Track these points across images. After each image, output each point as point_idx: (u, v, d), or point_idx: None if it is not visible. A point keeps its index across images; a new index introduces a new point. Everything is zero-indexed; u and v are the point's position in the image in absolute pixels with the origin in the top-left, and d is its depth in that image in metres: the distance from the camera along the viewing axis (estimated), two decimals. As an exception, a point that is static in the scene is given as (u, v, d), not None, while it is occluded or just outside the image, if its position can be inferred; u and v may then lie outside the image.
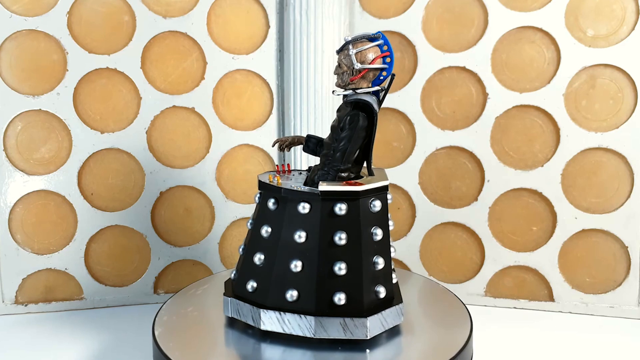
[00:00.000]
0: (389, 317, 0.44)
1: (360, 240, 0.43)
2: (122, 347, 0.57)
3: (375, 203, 0.43)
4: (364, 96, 0.45)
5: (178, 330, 0.47)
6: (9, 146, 0.65)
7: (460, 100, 0.66)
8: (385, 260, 0.44)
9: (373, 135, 0.45)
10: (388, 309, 0.44)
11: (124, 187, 0.67)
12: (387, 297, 0.44)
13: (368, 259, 0.43)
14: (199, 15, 0.67)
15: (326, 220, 0.43)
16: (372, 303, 0.43)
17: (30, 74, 0.64)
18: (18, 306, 0.66)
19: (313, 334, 0.42)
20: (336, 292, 0.42)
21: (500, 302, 0.67)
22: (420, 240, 0.69)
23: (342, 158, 0.45)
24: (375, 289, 0.43)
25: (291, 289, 0.43)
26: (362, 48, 0.45)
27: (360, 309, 0.42)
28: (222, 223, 0.70)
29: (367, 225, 0.43)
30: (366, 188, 0.43)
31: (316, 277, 0.43)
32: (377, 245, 0.44)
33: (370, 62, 0.45)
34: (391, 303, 0.44)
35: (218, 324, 0.48)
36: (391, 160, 0.69)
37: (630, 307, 0.63)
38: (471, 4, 0.65)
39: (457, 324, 0.48)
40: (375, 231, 0.43)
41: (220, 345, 0.45)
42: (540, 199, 0.65)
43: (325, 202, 0.43)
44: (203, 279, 0.60)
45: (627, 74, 0.61)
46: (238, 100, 0.69)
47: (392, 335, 0.45)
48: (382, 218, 0.44)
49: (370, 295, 0.43)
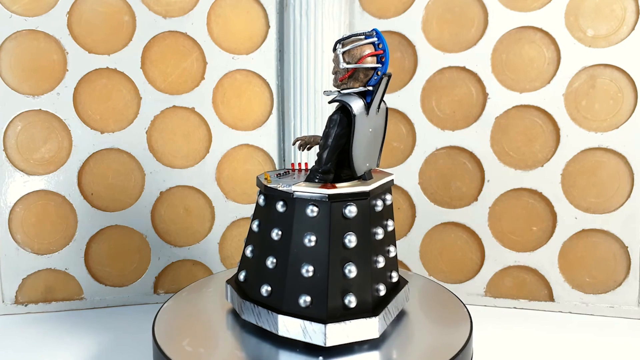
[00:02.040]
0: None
1: (329, 244, 0.42)
2: (122, 347, 0.57)
3: (351, 209, 0.42)
4: (345, 97, 0.43)
5: (178, 330, 0.47)
6: (9, 146, 0.65)
7: (460, 100, 0.66)
8: (358, 269, 0.42)
9: (352, 137, 0.43)
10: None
11: (124, 187, 0.67)
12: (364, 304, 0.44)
13: (335, 264, 0.42)
14: (199, 15, 0.67)
15: (299, 220, 0.43)
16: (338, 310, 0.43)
17: (30, 74, 0.64)
18: (18, 306, 0.66)
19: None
20: (302, 295, 0.42)
21: (500, 302, 0.67)
22: (420, 240, 0.69)
23: (320, 160, 0.44)
24: (344, 301, 0.42)
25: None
26: (350, 47, 0.43)
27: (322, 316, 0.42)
28: (222, 223, 0.70)
29: (338, 230, 0.42)
30: (336, 192, 0.42)
31: (286, 274, 0.43)
32: (349, 252, 0.43)
33: (358, 61, 0.43)
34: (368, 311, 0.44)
35: (218, 324, 0.48)
36: (391, 160, 0.69)
37: (630, 307, 0.64)
38: (471, 4, 0.65)
39: (457, 324, 0.48)
40: (349, 237, 0.42)
41: (220, 344, 0.45)
42: (540, 199, 0.65)
43: (298, 202, 0.43)
44: (203, 279, 0.60)
45: (627, 74, 0.61)
46: (238, 100, 0.69)
47: (392, 335, 0.45)
48: (358, 225, 0.42)
49: (336, 302, 0.42)
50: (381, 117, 0.46)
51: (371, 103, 0.44)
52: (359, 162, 0.44)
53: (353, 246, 0.42)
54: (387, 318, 0.44)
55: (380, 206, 0.45)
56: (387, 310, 0.44)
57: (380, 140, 0.47)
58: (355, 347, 0.43)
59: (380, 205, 0.45)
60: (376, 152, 0.47)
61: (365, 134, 0.44)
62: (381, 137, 0.47)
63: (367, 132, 0.45)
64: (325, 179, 0.44)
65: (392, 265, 0.48)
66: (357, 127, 0.43)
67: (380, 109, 0.46)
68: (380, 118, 0.46)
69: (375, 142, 0.47)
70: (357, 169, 0.44)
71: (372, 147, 0.46)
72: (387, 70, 0.44)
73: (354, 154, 0.44)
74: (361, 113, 0.43)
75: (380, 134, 0.47)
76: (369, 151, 0.46)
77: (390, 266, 0.47)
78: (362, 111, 0.43)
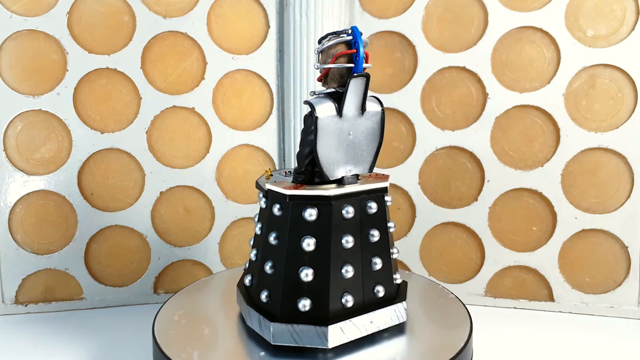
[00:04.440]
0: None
1: (287, 244, 0.42)
2: (122, 347, 0.57)
3: (311, 212, 0.42)
4: (316, 98, 0.42)
5: (178, 330, 0.47)
6: (9, 146, 0.65)
7: (460, 100, 0.66)
8: (315, 274, 0.42)
9: (316, 140, 0.41)
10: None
11: (124, 187, 0.67)
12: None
13: (291, 266, 0.42)
14: (199, 15, 0.67)
15: (270, 217, 0.44)
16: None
17: (30, 74, 0.64)
18: (18, 306, 0.66)
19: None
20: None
21: (500, 302, 0.67)
22: (420, 240, 0.69)
23: (297, 161, 0.44)
24: (298, 304, 0.42)
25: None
26: (325, 46, 0.42)
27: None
28: (222, 223, 0.70)
29: (296, 232, 0.42)
30: (295, 193, 0.42)
31: (257, 271, 0.44)
32: (306, 255, 0.42)
33: (331, 60, 0.41)
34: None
35: (218, 324, 0.48)
36: (391, 160, 0.69)
37: (630, 307, 0.63)
38: (471, 4, 0.65)
39: (457, 324, 0.48)
40: (307, 241, 0.42)
41: (220, 344, 0.45)
42: (540, 199, 0.65)
43: (270, 200, 0.44)
44: (203, 278, 0.60)
45: (627, 74, 0.61)
46: (238, 100, 0.69)
47: (392, 335, 0.45)
48: (319, 229, 0.42)
49: (289, 305, 0.42)
50: (369, 120, 0.44)
51: (342, 105, 0.42)
52: (330, 166, 0.43)
53: (311, 250, 0.42)
54: (348, 331, 0.42)
55: (353, 213, 0.43)
56: (350, 324, 0.42)
57: (371, 145, 0.45)
58: (355, 347, 0.43)
59: (352, 212, 0.42)
60: (365, 156, 0.45)
61: (339, 137, 0.43)
62: (372, 141, 0.45)
63: (344, 135, 0.43)
64: (300, 179, 0.44)
65: (371, 277, 0.44)
66: (324, 129, 0.42)
67: (370, 112, 0.44)
68: (368, 121, 0.44)
69: (360, 146, 0.44)
70: (328, 172, 0.43)
71: (353, 151, 0.44)
72: (366, 70, 0.42)
73: (321, 157, 0.42)
74: (329, 115, 0.42)
75: (369, 138, 0.45)
76: (347, 155, 0.44)
77: (368, 278, 0.44)
78: (332, 113, 0.42)
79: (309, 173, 0.44)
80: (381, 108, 0.45)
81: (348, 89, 0.41)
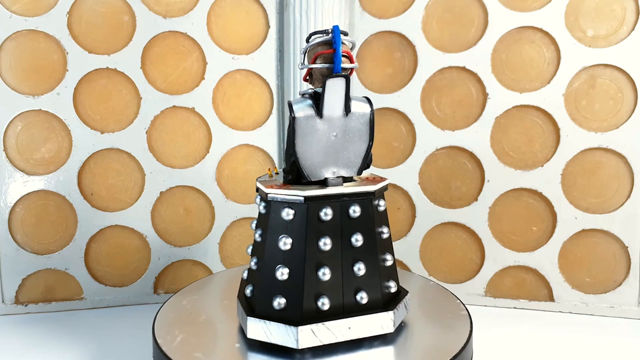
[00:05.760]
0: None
1: (265, 242, 0.43)
2: (122, 347, 0.57)
3: (288, 211, 0.42)
4: (298, 99, 0.42)
5: (178, 330, 0.47)
6: (9, 146, 0.65)
7: (460, 100, 0.66)
8: (290, 273, 0.42)
9: (294, 140, 0.41)
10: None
11: (124, 187, 0.67)
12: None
13: (269, 264, 0.43)
14: (199, 16, 0.67)
15: (257, 215, 0.46)
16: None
17: (30, 74, 0.64)
18: (18, 306, 0.66)
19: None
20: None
21: (500, 302, 0.67)
22: (420, 240, 0.69)
23: (285, 161, 0.44)
24: (273, 302, 0.42)
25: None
26: (308, 46, 0.42)
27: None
28: (222, 223, 0.70)
29: (274, 230, 0.43)
30: (273, 191, 0.42)
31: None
32: (284, 254, 0.42)
33: (311, 60, 0.41)
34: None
35: (218, 324, 0.48)
36: (391, 160, 0.69)
37: (630, 307, 0.63)
38: (471, 4, 0.65)
39: (457, 324, 0.48)
40: (284, 240, 0.42)
41: (220, 344, 0.45)
42: (540, 199, 0.65)
43: (259, 198, 0.46)
44: (203, 278, 0.60)
45: (627, 74, 0.61)
46: (238, 100, 0.69)
47: (392, 336, 0.45)
48: (295, 229, 0.42)
49: (266, 302, 0.42)
50: (356, 121, 0.43)
51: (321, 105, 0.42)
52: (311, 167, 0.43)
53: (287, 249, 0.42)
54: (321, 334, 0.42)
55: (332, 215, 0.42)
56: (323, 327, 0.42)
57: (358, 147, 0.44)
58: (355, 347, 0.43)
59: (330, 214, 0.42)
60: (352, 158, 0.44)
61: (321, 137, 0.42)
62: (360, 143, 0.44)
63: (326, 136, 0.42)
64: (288, 179, 0.44)
65: (353, 282, 0.43)
66: (302, 129, 0.42)
67: (356, 112, 0.43)
68: (354, 122, 0.43)
69: (346, 148, 0.43)
70: (309, 173, 0.43)
71: (338, 152, 0.43)
72: (352, 70, 0.42)
73: (301, 157, 0.42)
74: (308, 116, 0.42)
75: (356, 140, 0.44)
76: (331, 156, 0.43)
77: (350, 283, 0.43)
78: (311, 114, 0.42)
79: (295, 173, 0.44)
80: (370, 109, 0.44)
81: (325, 89, 0.41)
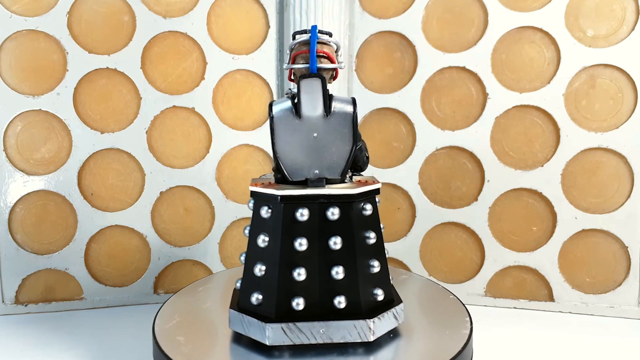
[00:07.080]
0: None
1: (249, 239, 0.45)
2: (122, 347, 0.57)
3: (267, 209, 0.42)
4: (280, 99, 0.42)
5: (178, 330, 0.47)
6: (9, 146, 0.65)
7: (460, 100, 0.66)
8: (266, 270, 0.42)
9: (274, 139, 0.42)
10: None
11: (124, 187, 0.67)
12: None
13: (249, 260, 0.44)
14: (199, 15, 0.67)
15: None
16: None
17: (30, 74, 0.64)
18: (18, 306, 0.66)
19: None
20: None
21: (500, 302, 0.67)
22: (420, 240, 0.69)
23: None
24: (251, 299, 0.43)
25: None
26: (290, 45, 0.42)
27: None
28: (222, 223, 0.70)
29: (255, 227, 0.44)
30: (254, 189, 0.43)
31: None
32: (262, 252, 0.43)
33: (291, 60, 0.41)
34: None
35: (218, 324, 0.48)
36: (391, 160, 0.69)
37: (630, 307, 0.63)
38: (471, 4, 0.65)
39: (457, 324, 0.48)
40: (262, 237, 0.42)
41: (220, 344, 0.45)
42: (540, 199, 0.65)
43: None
44: (203, 278, 0.60)
45: (627, 74, 0.61)
46: (238, 100, 0.69)
47: (392, 336, 0.45)
48: (271, 228, 0.42)
49: (246, 299, 0.43)
50: (337, 122, 0.43)
51: (298, 105, 0.42)
52: (291, 167, 0.43)
53: (264, 246, 0.43)
54: (292, 334, 0.42)
55: (307, 216, 0.41)
56: (295, 327, 0.41)
57: (341, 147, 0.43)
58: (354, 347, 0.43)
59: (306, 215, 0.41)
60: (335, 159, 0.43)
61: (300, 137, 0.42)
62: (343, 144, 0.43)
63: (306, 136, 0.42)
64: (276, 178, 0.45)
65: (330, 286, 0.42)
66: (280, 128, 0.42)
67: (338, 113, 0.43)
68: (335, 122, 0.43)
69: (328, 149, 0.43)
70: (288, 172, 0.43)
71: (320, 153, 0.43)
72: (336, 71, 0.43)
73: (280, 156, 0.42)
74: (286, 115, 0.42)
75: (338, 141, 0.43)
76: (311, 157, 0.43)
77: (327, 286, 0.42)
78: (288, 114, 0.42)
79: (282, 172, 0.44)
80: (352, 110, 0.43)
81: (300, 89, 0.42)
